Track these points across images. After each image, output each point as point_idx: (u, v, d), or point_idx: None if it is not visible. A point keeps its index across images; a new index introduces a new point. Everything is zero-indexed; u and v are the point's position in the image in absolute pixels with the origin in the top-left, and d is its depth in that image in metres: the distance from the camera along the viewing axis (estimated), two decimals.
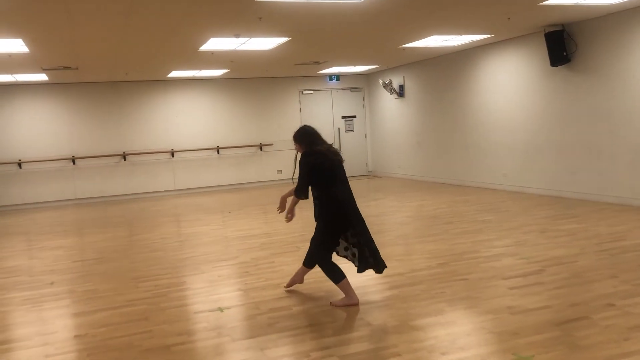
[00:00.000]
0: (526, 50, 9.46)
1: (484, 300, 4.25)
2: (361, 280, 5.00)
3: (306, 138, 4.51)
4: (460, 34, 8.96)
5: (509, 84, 9.91)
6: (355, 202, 4.47)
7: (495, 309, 4.04)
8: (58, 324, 4.34)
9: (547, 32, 8.57)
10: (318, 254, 4.46)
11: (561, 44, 8.47)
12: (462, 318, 3.96)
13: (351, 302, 4.31)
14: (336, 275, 4.35)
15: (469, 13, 7.28)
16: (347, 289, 4.33)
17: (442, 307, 4.16)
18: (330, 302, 4.40)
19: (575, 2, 6.96)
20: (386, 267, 4.46)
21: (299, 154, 4.53)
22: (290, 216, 4.61)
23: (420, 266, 5.35)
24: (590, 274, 4.78)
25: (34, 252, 7.34)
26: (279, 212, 4.67)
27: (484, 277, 4.88)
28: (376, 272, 4.43)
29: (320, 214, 4.44)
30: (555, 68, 8.79)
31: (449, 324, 3.84)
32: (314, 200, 4.47)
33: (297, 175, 4.48)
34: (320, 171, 4.36)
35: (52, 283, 5.54)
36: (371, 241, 4.40)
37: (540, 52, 9.03)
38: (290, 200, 4.59)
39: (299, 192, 4.40)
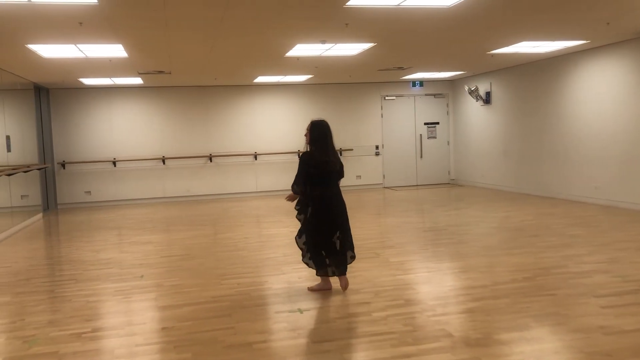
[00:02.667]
0: (625, 57, 8.94)
1: (574, 318, 4.05)
2: (443, 291, 4.91)
3: (316, 131, 4.96)
4: (554, 39, 8.61)
5: (605, 92, 9.40)
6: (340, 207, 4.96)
7: (586, 328, 3.83)
8: (146, 316, 4.55)
9: None
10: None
11: None
12: (550, 335, 3.79)
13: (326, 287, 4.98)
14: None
15: (565, 18, 6.98)
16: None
17: (528, 322, 4.00)
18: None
19: None
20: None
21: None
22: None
23: (504, 279, 5.17)
24: None
25: (125, 246, 7.74)
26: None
27: (574, 293, 4.65)
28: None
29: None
30: None
31: (535, 340, 3.68)
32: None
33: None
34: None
35: (141, 276, 5.82)
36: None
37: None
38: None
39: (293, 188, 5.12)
